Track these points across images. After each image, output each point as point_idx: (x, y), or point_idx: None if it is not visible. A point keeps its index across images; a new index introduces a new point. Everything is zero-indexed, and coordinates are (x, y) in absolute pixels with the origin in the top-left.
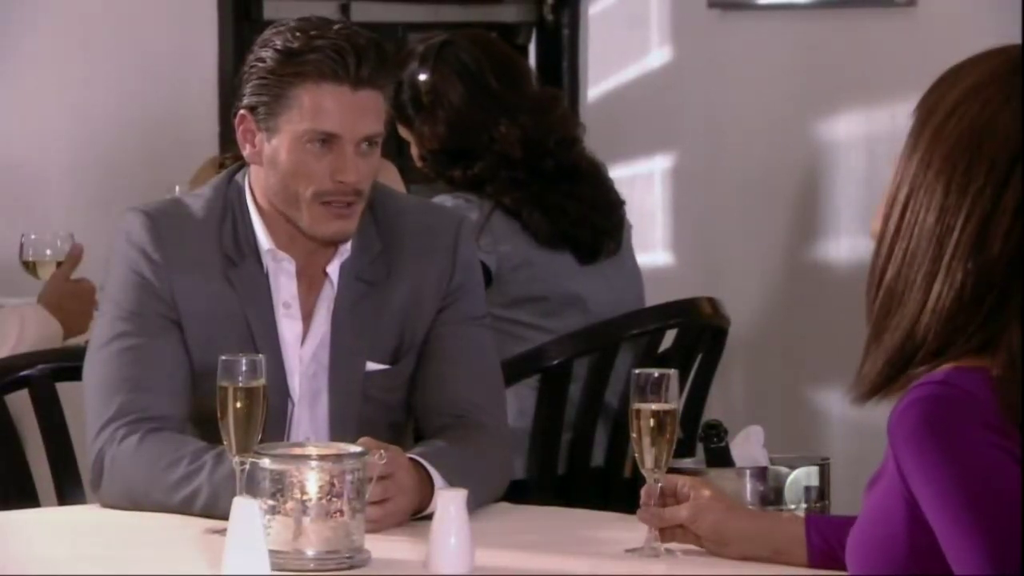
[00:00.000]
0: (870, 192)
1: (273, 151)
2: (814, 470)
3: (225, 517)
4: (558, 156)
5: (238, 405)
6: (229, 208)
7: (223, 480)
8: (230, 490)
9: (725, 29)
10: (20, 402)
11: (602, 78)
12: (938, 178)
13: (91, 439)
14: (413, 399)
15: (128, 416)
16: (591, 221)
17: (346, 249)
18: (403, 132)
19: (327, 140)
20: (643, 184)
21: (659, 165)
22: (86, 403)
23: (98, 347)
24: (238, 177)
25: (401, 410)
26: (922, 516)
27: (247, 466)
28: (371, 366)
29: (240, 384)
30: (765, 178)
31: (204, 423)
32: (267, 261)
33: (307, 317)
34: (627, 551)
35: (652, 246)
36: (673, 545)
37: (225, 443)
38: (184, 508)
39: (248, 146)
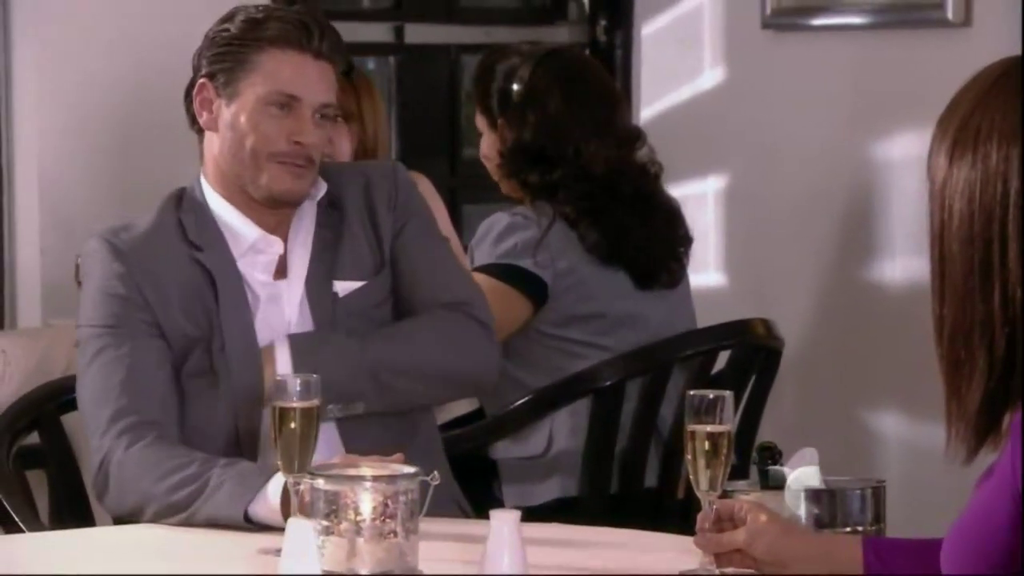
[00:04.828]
0: (924, 213)
1: (232, 115)
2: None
3: (227, 509)
4: (637, 184)
5: (292, 425)
6: (190, 202)
7: (235, 473)
8: (237, 484)
9: (778, 49)
10: (76, 421)
11: (655, 99)
12: (966, 181)
13: (93, 448)
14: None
15: (126, 420)
16: (653, 249)
17: (321, 185)
18: (480, 123)
19: (287, 103)
20: (696, 205)
21: (712, 186)
22: (84, 420)
23: (84, 369)
24: (190, 188)
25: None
26: None
27: (301, 486)
28: (347, 285)
29: (295, 404)
30: (818, 199)
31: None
32: (245, 252)
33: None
34: (682, 574)
35: (705, 267)
36: (729, 569)
37: (280, 463)
38: (188, 501)
39: (205, 113)
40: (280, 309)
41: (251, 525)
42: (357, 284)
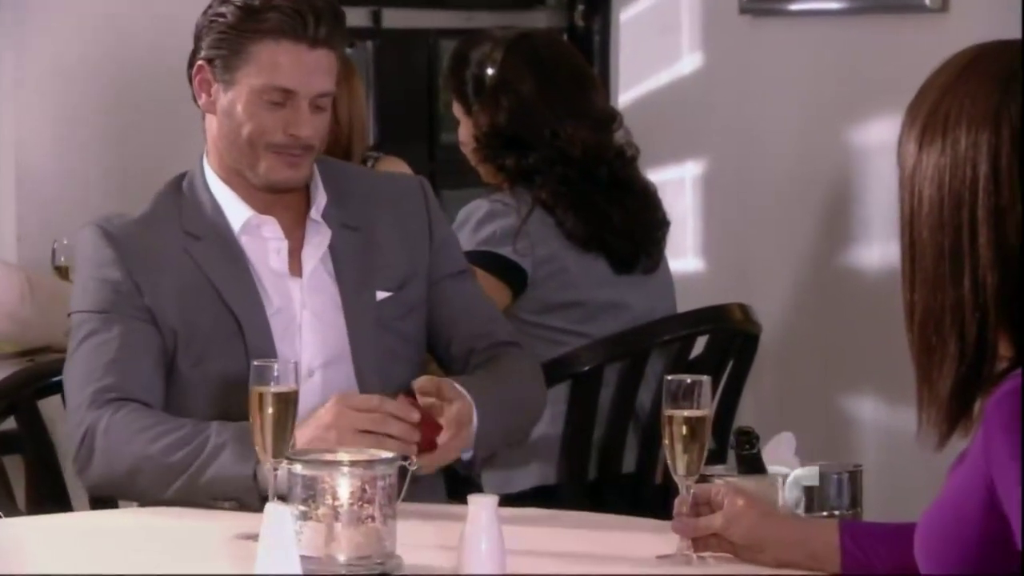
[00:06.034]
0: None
1: (229, 103)
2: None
3: (235, 468)
4: (614, 167)
5: (270, 410)
6: (190, 186)
7: (235, 433)
8: (240, 444)
9: (756, 35)
10: (53, 407)
11: (633, 84)
12: (936, 167)
13: (73, 424)
14: (438, 341)
15: (111, 393)
16: (632, 233)
17: (320, 197)
18: (456, 111)
19: (283, 96)
20: (674, 190)
21: (690, 171)
22: (67, 400)
23: (72, 352)
24: (191, 171)
25: (416, 345)
26: (999, 504)
27: (279, 471)
28: (379, 295)
29: (272, 389)
30: (796, 184)
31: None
32: (242, 236)
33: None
34: (659, 557)
35: (683, 252)
36: (707, 553)
37: (257, 448)
38: (185, 463)
39: (204, 95)
40: (292, 304)
41: (255, 487)
42: (387, 294)
